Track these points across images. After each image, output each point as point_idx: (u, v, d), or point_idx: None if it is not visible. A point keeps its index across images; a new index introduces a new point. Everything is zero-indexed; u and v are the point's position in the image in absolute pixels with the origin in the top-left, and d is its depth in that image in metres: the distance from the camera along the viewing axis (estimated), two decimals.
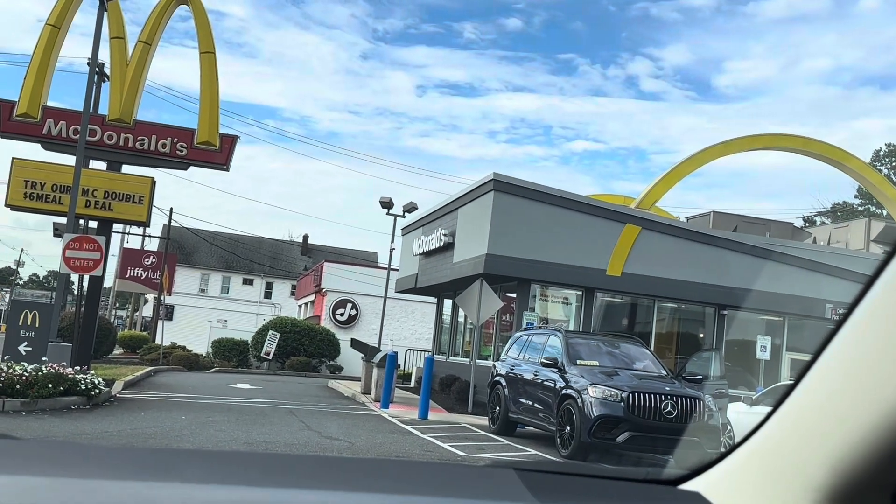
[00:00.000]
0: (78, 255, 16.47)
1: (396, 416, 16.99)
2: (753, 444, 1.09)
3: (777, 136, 30.31)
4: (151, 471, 1.02)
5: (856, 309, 0.94)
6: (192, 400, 17.15)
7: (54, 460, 1.04)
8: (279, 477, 1.04)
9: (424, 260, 25.76)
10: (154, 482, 0.97)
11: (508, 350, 16.55)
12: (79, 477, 0.95)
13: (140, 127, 19.59)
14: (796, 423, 1.02)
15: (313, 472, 1.08)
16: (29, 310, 16.29)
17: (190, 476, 1.00)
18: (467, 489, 1.08)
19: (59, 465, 1.01)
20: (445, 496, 1.02)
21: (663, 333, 22.19)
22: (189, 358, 32.09)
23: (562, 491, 1.14)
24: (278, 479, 1.03)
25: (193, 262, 64.51)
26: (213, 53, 20.11)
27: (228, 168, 20.25)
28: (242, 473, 1.05)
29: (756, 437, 1.08)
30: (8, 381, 13.04)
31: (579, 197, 21.62)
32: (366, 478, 1.09)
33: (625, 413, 12.19)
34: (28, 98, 18.79)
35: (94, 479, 0.94)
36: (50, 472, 0.96)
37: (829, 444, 0.93)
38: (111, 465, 1.04)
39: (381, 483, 1.06)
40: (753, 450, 1.08)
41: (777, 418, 1.05)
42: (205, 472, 1.03)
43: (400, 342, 38.20)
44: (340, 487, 1.01)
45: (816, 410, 0.99)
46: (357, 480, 1.07)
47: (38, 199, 18.93)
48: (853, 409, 0.90)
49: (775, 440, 1.05)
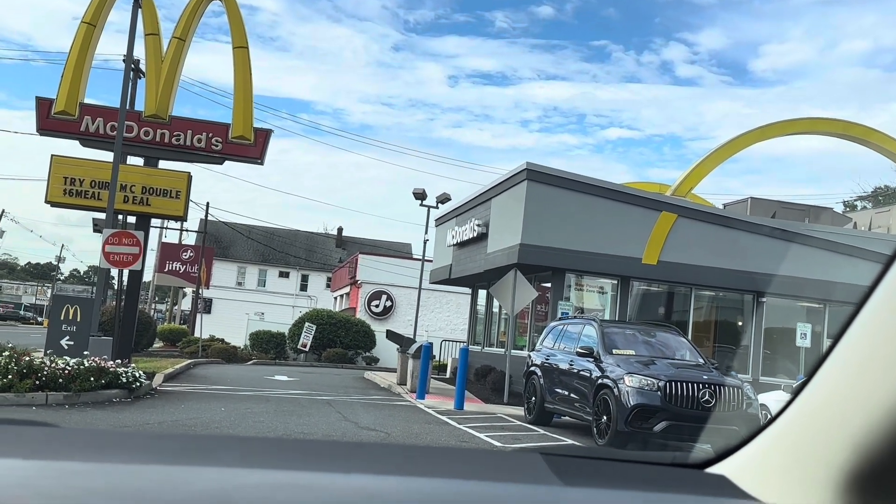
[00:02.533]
0: (117, 250, 16.71)
1: (432, 406, 17.04)
2: (778, 428, 1.10)
3: (816, 119, 29.81)
4: (189, 455, 1.05)
5: (875, 289, 0.95)
6: (231, 392, 17.35)
7: (94, 446, 1.07)
8: (312, 461, 1.06)
9: (458, 250, 25.76)
10: (191, 466, 0.99)
11: (543, 340, 16.50)
12: (118, 462, 0.97)
13: (176, 122, 19.80)
14: (819, 405, 1.02)
15: (346, 457, 1.10)
16: (70, 304, 16.55)
17: (227, 460, 1.02)
18: (492, 472, 1.08)
19: (98, 450, 1.04)
20: (470, 479, 1.03)
21: (701, 322, 21.97)
22: (227, 350, 32.50)
23: (587, 474, 1.14)
24: (312, 462, 1.05)
25: (230, 255, 65.24)
26: (247, 48, 20.25)
27: (263, 162, 20.40)
28: (277, 457, 1.07)
29: (780, 421, 1.09)
30: (51, 374, 13.28)
31: (614, 185, 21.44)
32: (395, 462, 1.10)
33: (662, 402, 12.09)
34: (66, 96, 19.07)
35: (133, 464, 0.97)
36: (90, 457, 0.99)
37: (851, 426, 0.94)
38: (150, 450, 1.07)
39: (410, 467, 1.07)
40: (778, 433, 1.09)
41: (800, 401, 1.06)
42: (241, 456, 1.05)
43: (435, 333, 38.29)
44: (372, 471, 1.02)
45: (838, 392, 0.99)
46: (387, 464, 1.08)
47: (78, 195, 19.23)
48: (874, 390, 0.91)
49: (799, 423, 1.06)
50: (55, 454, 0.98)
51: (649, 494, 1.03)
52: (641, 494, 1.03)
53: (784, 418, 1.09)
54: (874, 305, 0.95)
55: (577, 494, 1.02)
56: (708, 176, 29.19)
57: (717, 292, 21.85)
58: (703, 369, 13.30)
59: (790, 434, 1.06)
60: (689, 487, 1.08)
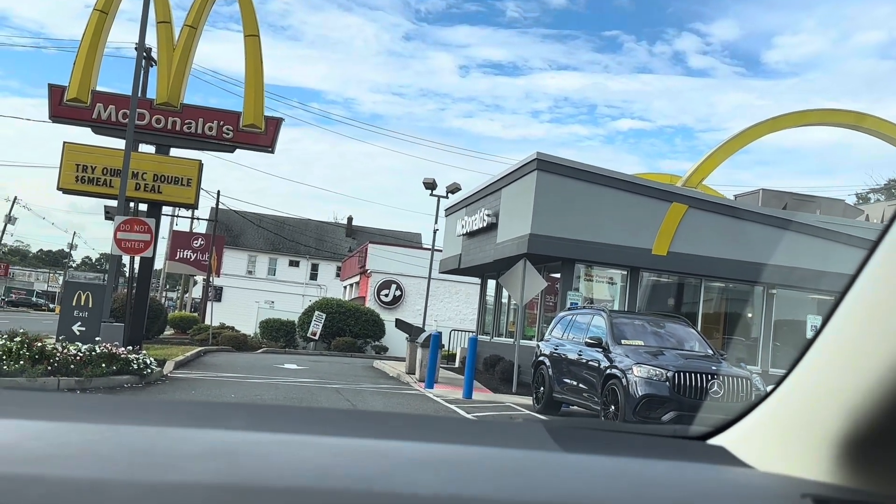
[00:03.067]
0: (129, 237, 16.81)
1: (441, 395, 17.09)
2: (775, 399, 1.12)
3: (828, 111, 29.62)
4: (197, 419, 1.08)
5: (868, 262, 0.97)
6: (241, 379, 17.44)
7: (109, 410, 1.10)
8: (317, 426, 1.09)
9: (468, 240, 25.77)
10: (199, 429, 1.02)
11: (552, 330, 16.51)
12: (131, 424, 1.00)
13: (187, 110, 19.86)
14: (814, 376, 1.04)
15: (349, 423, 1.13)
16: (82, 291, 16.64)
17: (233, 424, 1.05)
18: (494, 439, 1.11)
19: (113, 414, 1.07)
20: (471, 444, 1.05)
21: (710, 313, 21.93)
22: (237, 338, 32.64)
23: (588, 442, 1.16)
24: (316, 427, 1.07)
25: (241, 244, 65.43)
26: (258, 37, 20.28)
27: (273, 150, 20.45)
28: (282, 422, 1.10)
29: (778, 392, 1.11)
30: (63, 360, 13.39)
31: (624, 175, 21.38)
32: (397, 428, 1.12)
33: (670, 392, 12.10)
34: (78, 83, 19.15)
35: (144, 426, 1.00)
36: (106, 420, 1.02)
37: (845, 395, 0.96)
38: (160, 413, 1.11)
39: (411, 433, 1.09)
40: (775, 404, 1.11)
41: (797, 373, 1.08)
42: (247, 420, 1.08)
43: (444, 323, 38.35)
44: (374, 435, 1.05)
45: (833, 363, 1.01)
46: (389, 430, 1.10)
47: (90, 182, 19.33)
48: (867, 359, 0.93)
49: (795, 394, 1.08)
50: (76, 417, 1.02)
51: (648, 461, 1.05)
52: (640, 461, 1.05)
53: (780, 391, 1.11)
54: (866, 278, 0.97)
55: (577, 460, 1.04)
56: (719, 167, 29.07)
57: (727, 283, 21.79)
58: (711, 360, 13.30)
59: (786, 405, 1.08)
60: (688, 457, 1.10)
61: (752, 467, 1.07)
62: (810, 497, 0.91)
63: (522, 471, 0.94)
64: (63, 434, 0.94)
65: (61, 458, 0.84)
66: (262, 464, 0.87)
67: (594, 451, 1.09)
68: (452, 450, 1.02)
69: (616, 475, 0.97)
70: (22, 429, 0.93)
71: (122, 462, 0.85)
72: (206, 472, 0.83)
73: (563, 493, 0.86)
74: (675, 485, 0.95)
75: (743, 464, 1.09)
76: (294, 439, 1.00)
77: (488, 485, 0.87)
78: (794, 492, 0.93)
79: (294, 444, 0.97)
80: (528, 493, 0.85)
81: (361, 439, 1.02)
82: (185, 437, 0.98)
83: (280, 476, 0.84)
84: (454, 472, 0.90)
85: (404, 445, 1.01)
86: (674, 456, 1.10)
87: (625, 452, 1.10)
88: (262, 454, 0.91)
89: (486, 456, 1.01)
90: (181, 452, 0.90)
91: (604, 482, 0.93)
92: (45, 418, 1.00)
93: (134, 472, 0.82)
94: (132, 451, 0.89)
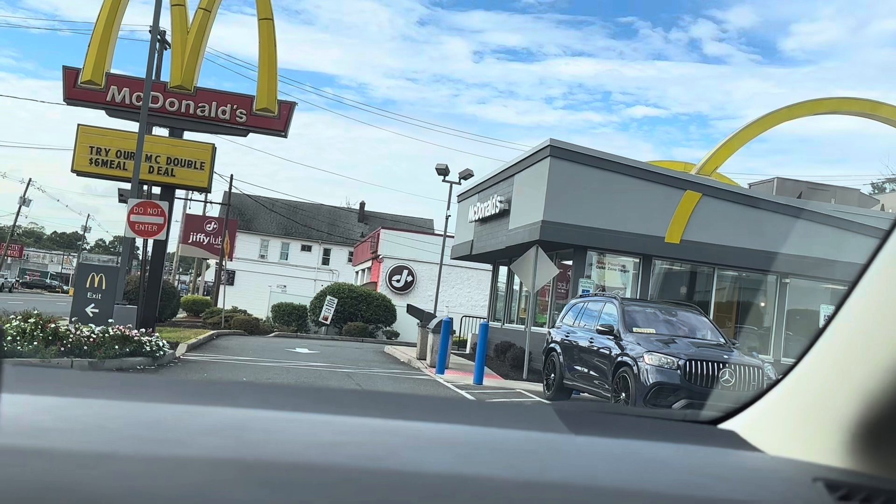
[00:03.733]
0: (142, 220, 16.87)
1: (451, 381, 17.13)
2: (787, 384, 1.11)
3: (844, 99, 29.36)
4: (206, 397, 1.08)
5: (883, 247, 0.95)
6: (253, 363, 17.53)
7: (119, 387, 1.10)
8: (325, 405, 1.09)
9: (480, 227, 25.74)
10: (208, 406, 1.02)
11: (564, 317, 16.50)
12: (140, 400, 1.01)
13: (201, 94, 19.88)
14: (827, 361, 1.03)
15: (360, 403, 1.13)
16: (96, 273, 16.74)
17: (241, 402, 1.05)
18: (504, 420, 1.10)
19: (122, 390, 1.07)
20: (478, 425, 1.04)
21: (723, 302, 21.85)
22: (250, 322, 32.78)
23: (597, 425, 1.16)
24: (324, 406, 1.07)
25: (253, 228, 65.64)
26: (272, 20, 20.24)
27: (286, 134, 20.46)
28: (292, 400, 1.10)
29: (789, 377, 1.10)
30: (76, 341, 13.49)
31: (638, 163, 21.27)
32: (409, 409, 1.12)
33: (681, 381, 12.08)
34: (92, 65, 19.20)
35: (153, 403, 1.00)
36: (115, 396, 1.03)
37: (857, 378, 0.95)
38: (169, 390, 1.11)
39: (424, 414, 1.09)
40: (787, 389, 1.10)
41: (809, 358, 1.07)
42: (256, 398, 1.09)
43: (455, 309, 38.39)
44: (383, 415, 1.05)
45: (846, 347, 1.00)
46: (398, 410, 1.10)
47: (103, 164, 19.41)
48: (881, 344, 0.92)
49: (807, 378, 1.07)
50: (81, 392, 1.02)
51: (658, 444, 1.04)
52: (650, 444, 1.04)
53: (792, 376, 1.10)
54: (881, 263, 0.96)
55: (586, 442, 1.03)
56: (734, 155, 28.89)
57: (741, 272, 21.70)
58: (723, 349, 13.26)
59: (798, 390, 1.08)
60: (698, 440, 1.10)
61: (763, 451, 1.06)
62: (822, 481, 0.90)
63: (531, 451, 0.94)
64: (69, 409, 0.94)
65: (66, 431, 0.84)
66: (270, 440, 0.87)
67: (604, 434, 1.09)
68: (461, 430, 1.02)
69: (625, 456, 0.96)
70: (27, 403, 0.93)
71: (128, 436, 0.85)
72: (214, 447, 0.83)
73: (572, 473, 0.86)
74: (685, 466, 0.94)
75: (754, 448, 1.08)
76: (303, 417, 1.00)
77: (497, 464, 0.86)
78: (805, 476, 0.93)
79: (302, 422, 0.97)
80: (537, 473, 0.84)
81: (370, 419, 1.02)
82: (192, 413, 0.98)
83: (288, 452, 0.84)
84: (463, 451, 0.90)
85: (413, 425, 1.01)
86: (684, 439, 1.09)
87: (634, 435, 1.09)
88: (271, 431, 0.91)
89: (494, 436, 1.00)
90: (188, 428, 0.90)
91: (613, 463, 0.92)
92: (51, 393, 1.00)
93: (139, 446, 0.82)
94: (138, 425, 0.89)
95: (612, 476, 0.86)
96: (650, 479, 0.88)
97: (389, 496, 0.75)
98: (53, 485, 0.70)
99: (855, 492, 0.88)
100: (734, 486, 0.88)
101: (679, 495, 0.82)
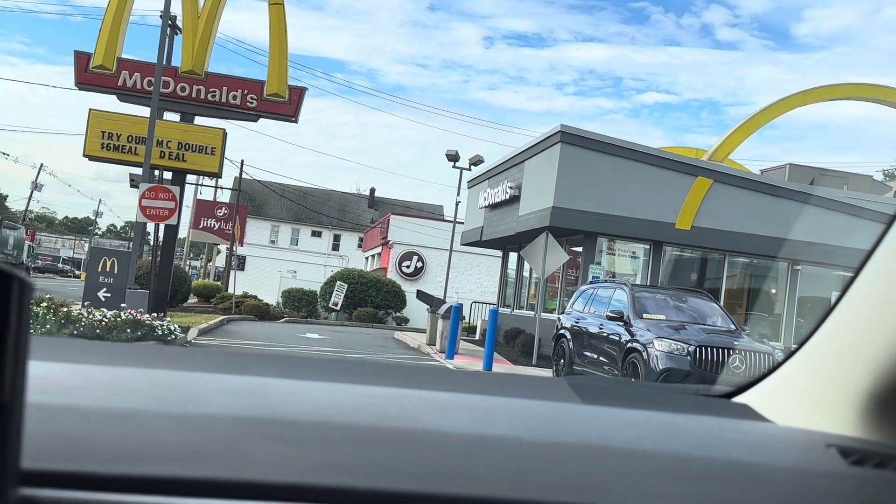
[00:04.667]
0: (153, 205, 16.93)
1: (461, 366, 17.17)
2: (799, 358, 1.12)
3: (857, 85, 29.13)
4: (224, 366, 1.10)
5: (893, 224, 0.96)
6: (264, 348, 17.61)
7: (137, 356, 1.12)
8: (342, 375, 1.10)
9: (490, 213, 25.72)
10: (227, 374, 1.04)
11: (574, 303, 16.50)
12: (160, 368, 1.03)
13: (212, 79, 19.89)
14: (839, 333, 1.04)
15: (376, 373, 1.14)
16: (108, 257, 16.81)
17: (260, 371, 1.07)
18: (521, 391, 1.11)
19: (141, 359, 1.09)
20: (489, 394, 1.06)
21: (734, 289, 21.79)
22: (260, 307, 32.89)
23: (609, 397, 1.17)
24: (342, 376, 1.09)
25: (264, 213, 65.74)
26: (282, 5, 20.20)
27: (297, 120, 20.46)
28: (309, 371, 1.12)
29: (802, 351, 1.11)
30: (88, 325, 13.58)
31: (649, 149, 21.18)
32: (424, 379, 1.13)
33: (691, 367, 12.08)
34: (103, 50, 19.23)
35: (173, 370, 1.02)
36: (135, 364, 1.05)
37: (870, 350, 0.96)
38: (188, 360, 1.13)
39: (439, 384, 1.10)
40: (799, 363, 1.11)
41: (822, 332, 1.08)
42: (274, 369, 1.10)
43: (465, 295, 38.40)
44: (398, 384, 1.06)
45: (857, 320, 1.01)
46: (416, 381, 1.12)
47: (115, 149, 19.47)
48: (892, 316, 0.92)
49: (820, 351, 1.08)
50: (105, 361, 1.04)
51: (670, 414, 1.05)
52: (662, 414, 1.05)
53: (805, 349, 1.10)
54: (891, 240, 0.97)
55: (599, 411, 1.04)
56: (746, 142, 28.76)
57: (752, 259, 21.63)
58: (734, 335, 13.24)
59: (810, 363, 1.08)
60: (710, 412, 1.10)
61: (773, 422, 1.07)
62: (835, 447, 0.91)
63: (546, 416, 0.95)
64: (94, 373, 0.96)
65: (93, 389, 0.86)
66: (292, 401, 0.89)
67: (616, 405, 1.10)
68: (478, 398, 1.03)
69: (639, 423, 0.97)
70: (53, 368, 0.95)
71: (152, 396, 0.87)
72: (235, 407, 0.85)
73: (584, 437, 0.87)
74: (699, 433, 0.95)
75: (766, 419, 1.09)
76: (321, 385, 1.01)
77: (513, 426, 0.87)
78: (818, 443, 0.94)
79: (321, 389, 0.99)
80: (553, 435, 0.85)
81: (386, 387, 1.03)
82: (214, 379, 1.00)
83: (309, 413, 0.85)
84: (480, 415, 0.91)
85: (431, 394, 1.03)
86: (696, 410, 1.10)
87: (648, 406, 1.10)
88: (291, 394, 0.93)
89: (510, 404, 1.02)
90: (210, 390, 0.91)
91: (625, 430, 0.94)
92: (78, 361, 1.02)
93: (163, 404, 0.84)
94: (162, 387, 0.91)
95: (627, 440, 0.88)
96: (664, 442, 0.89)
97: (409, 453, 0.76)
98: (81, 439, 0.72)
99: (868, 457, 0.89)
100: (748, 451, 0.89)
101: (692, 457, 0.83)
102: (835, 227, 20.07)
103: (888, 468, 0.86)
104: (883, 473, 0.85)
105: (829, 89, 28.57)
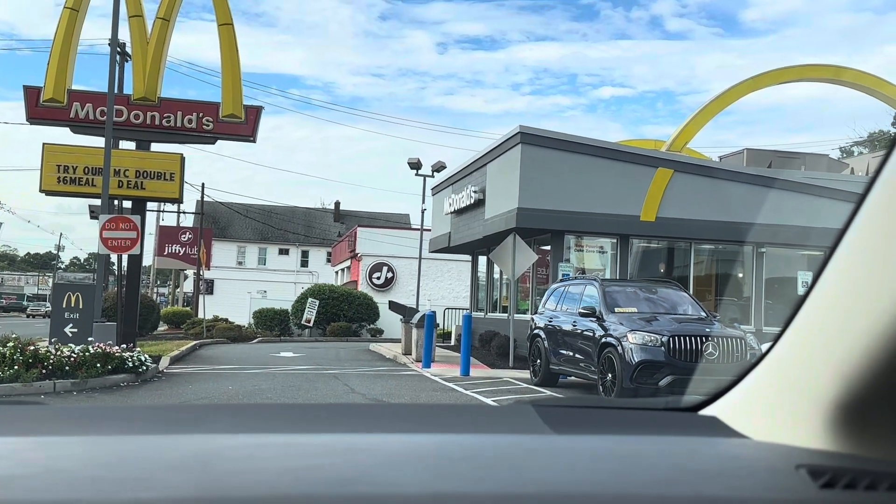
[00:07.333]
0: (115, 236, 16.69)
1: (439, 374, 17.13)
2: (765, 366, 1.10)
3: (807, 66, 29.58)
4: (174, 425, 1.05)
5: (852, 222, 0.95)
6: (238, 370, 17.43)
7: (78, 421, 1.07)
8: (299, 423, 1.06)
9: (456, 218, 25.72)
10: (176, 435, 0.99)
11: (546, 302, 16.54)
12: (101, 434, 0.98)
13: (165, 104, 19.68)
14: (804, 340, 1.03)
15: (338, 419, 1.10)
16: (72, 292, 16.58)
17: (212, 427, 1.03)
18: (484, 425, 1.09)
19: (82, 425, 1.04)
20: (461, 433, 1.03)
21: (702, 276, 21.99)
22: (232, 330, 32.58)
23: (579, 422, 1.15)
24: (298, 425, 1.05)
25: (229, 235, 65.18)
26: (231, 25, 20.06)
27: (255, 139, 20.31)
28: (264, 422, 1.08)
29: (768, 359, 1.09)
30: (57, 363, 13.33)
31: (608, 144, 21.35)
32: (385, 421, 1.10)
33: (666, 357, 12.16)
34: (53, 83, 18.94)
35: (116, 436, 0.97)
36: (74, 431, 0.99)
37: (835, 358, 0.94)
38: (134, 421, 1.08)
39: (401, 425, 1.07)
40: (765, 371, 1.09)
41: (786, 338, 1.06)
42: (227, 423, 1.06)
43: (438, 301, 38.38)
44: (364, 430, 1.03)
45: (822, 326, 0.99)
46: (376, 424, 1.08)
47: (72, 182, 19.17)
48: (856, 321, 0.91)
49: (785, 359, 1.06)
50: (42, 430, 0.99)
51: (640, 438, 1.03)
52: (632, 438, 1.03)
53: (771, 356, 1.09)
54: (850, 240, 0.95)
55: (568, 442, 1.02)
56: (702, 130, 29.06)
57: (717, 245, 21.85)
58: (705, 322, 13.35)
59: (777, 371, 1.07)
60: (681, 430, 1.09)
61: (746, 437, 1.05)
62: (805, 468, 0.89)
63: (511, 458, 0.92)
64: (28, 450, 0.90)
65: (25, 478, 0.81)
66: (241, 469, 0.84)
67: (585, 431, 1.08)
68: (440, 440, 1.00)
69: (606, 455, 0.95)
70: None
71: (90, 479, 0.82)
72: (181, 485, 0.81)
73: (552, 478, 0.84)
74: (667, 461, 0.93)
75: (736, 434, 1.07)
76: (275, 440, 0.97)
77: (476, 476, 0.84)
78: (788, 463, 0.92)
79: (275, 445, 0.95)
80: (518, 483, 0.83)
81: (345, 434, 1.00)
82: (160, 445, 0.95)
83: (260, 482, 0.81)
84: (437, 466, 0.88)
85: (390, 439, 0.99)
86: (666, 430, 1.08)
87: (616, 430, 1.08)
88: (242, 458, 0.88)
89: (474, 445, 0.99)
90: (155, 463, 0.87)
91: (594, 463, 0.91)
92: (10, 433, 0.97)
93: (101, 488, 0.79)
94: (101, 465, 0.86)
95: (592, 478, 0.85)
96: (632, 475, 0.86)
97: None
98: None
99: (838, 476, 0.87)
100: (716, 479, 0.87)
101: (660, 495, 0.81)
102: (796, 208, 20.34)
103: (858, 488, 0.85)
104: (853, 494, 0.84)
105: (780, 72, 28.99)
